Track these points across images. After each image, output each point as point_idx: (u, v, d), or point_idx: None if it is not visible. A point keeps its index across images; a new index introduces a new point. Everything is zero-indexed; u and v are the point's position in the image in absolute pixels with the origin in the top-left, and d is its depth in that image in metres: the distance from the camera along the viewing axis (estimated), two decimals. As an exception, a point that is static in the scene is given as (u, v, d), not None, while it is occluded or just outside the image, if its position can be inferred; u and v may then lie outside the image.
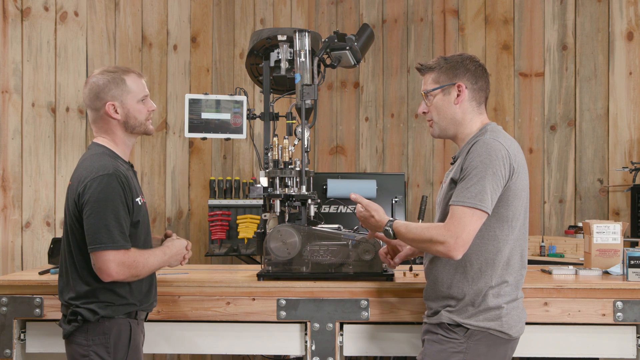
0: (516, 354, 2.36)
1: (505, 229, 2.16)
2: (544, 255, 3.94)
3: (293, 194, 2.72)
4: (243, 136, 2.98)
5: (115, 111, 2.34)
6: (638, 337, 2.57)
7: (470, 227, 2.08)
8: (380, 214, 2.34)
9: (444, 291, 2.22)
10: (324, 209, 4.17)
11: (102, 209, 2.21)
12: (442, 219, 2.23)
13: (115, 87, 2.34)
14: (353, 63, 2.90)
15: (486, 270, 2.16)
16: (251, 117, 2.98)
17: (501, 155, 2.12)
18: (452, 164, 2.35)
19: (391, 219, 2.30)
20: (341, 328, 2.62)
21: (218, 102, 2.98)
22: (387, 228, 2.28)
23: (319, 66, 2.83)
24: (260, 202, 4.30)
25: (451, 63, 2.28)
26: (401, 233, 2.24)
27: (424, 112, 2.34)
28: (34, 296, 2.62)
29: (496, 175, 2.10)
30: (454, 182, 2.19)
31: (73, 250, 2.28)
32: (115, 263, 2.19)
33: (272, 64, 2.97)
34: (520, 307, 2.23)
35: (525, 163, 2.24)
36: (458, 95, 2.26)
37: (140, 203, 2.33)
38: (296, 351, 2.65)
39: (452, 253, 2.09)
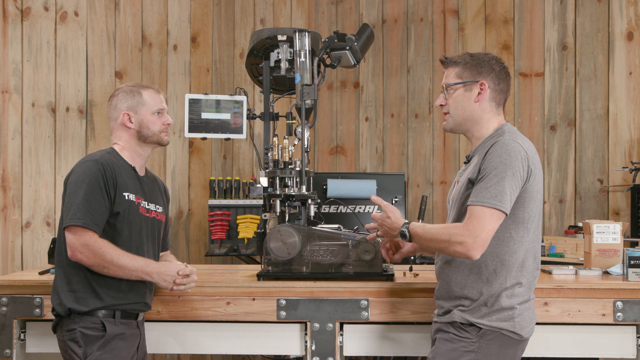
0: (516, 354, 2.36)
1: (520, 230, 2.17)
2: (544, 255, 3.93)
3: (293, 194, 2.72)
4: (243, 136, 2.98)
5: (130, 120, 2.48)
6: (638, 337, 2.57)
7: (489, 227, 2.08)
8: (397, 215, 2.33)
9: (458, 291, 2.22)
10: (324, 209, 4.17)
11: (76, 189, 2.33)
12: (457, 218, 2.23)
13: (132, 98, 2.49)
14: (353, 63, 2.90)
15: (501, 271, 2.16)
16: (251, 117, 2.98)
17: (520, 157, 2.12)
18: (465, 162, 2.35)
19: (407, 221, 2.29)
20: (341, 328, 2.62)
21: (218, 102, 2.98)
22: (404, 230, 2.26)
23: (319, 66, 2.83)
24: (260, 202, 4.30)
25: (477, 60, 2.28)
26: (418, 234, 2.22)
27: (441, 105, 2.33)
28: (34, 296, 2.62)
29: (515, 177, 2.10)
30: (471, 182, 2.18)
31: (62, 235, 2.38)
32: (80, 242, 2.28)
33: (272, 64, 2.97)
34: (531, 309, 2.23)
35: (541, 165, 2.23)
36: (479, 94, 2.25)
37: (127, 198, 2.40)
38: (296, 351, 2.65)
39: (470, 253, 2.08)
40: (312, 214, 2.77)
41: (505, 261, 2.16)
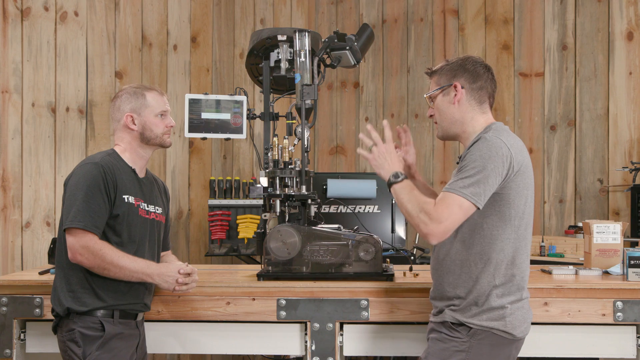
0: (516, 354, 2.36)
1: (507, 228, 2.16)
2: (544, 255, 3.93)
3: (293, 194, 2.72)
4: (243, 136, 2.98)
5: (133, 122, 2.48)
6: (638, 337, 2.57)
7: (455, 217, 2.07)
8: (397, 159, 2.27)
9: (450, 291, 2.22)
10: (324, 209, 4.17)
11: (76, 191, 2.33)
12: None
13: (135, 100, 2.49)
14: (353, 63, 2.90)
15: (490, 270, 2.16)
16: (251, 117, 2.98)
17: (502, 153, 2.11)
18: (458, 163, 2.36)
19: (402, 173, 2.22)
20: (341, 328, 2.62)
21: (218, 102, 2.98)
22: (393, 179, 2.20)
23: (319, 66, 2.83)
24: (260, 202, 4.30)
25: (451, 65, 2.31)
26: (397, 189, 2.17)
27: (431, 116, 2.37)
28: (34, 296, 2.62)
29: (493, 172, 2.09)
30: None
31: (62, 236, 2.38)
32: (80, 244, 2.28)
33: (272, 64, 2.97)
34: (525, 307, 2.22)
35: (530, 162, 2.24)
36: (455, 95, 2.28)
37: (127, 200, 2.40)
38: (296, 351, 2.65)
39: (429, 237, 2.08)
40: (312, 214, 2.77)
41: (493, 259, 2.16)
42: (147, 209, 2.48)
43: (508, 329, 2.16)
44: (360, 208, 4.27)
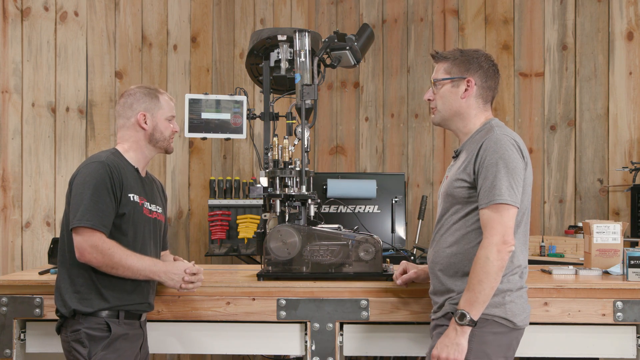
0: (516, 354, 2.36)
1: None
2: (544, 255, 3.93)
3: (293, 194, 2.72)
4: (243, 136, 2.98)
5: (145, 122, 2.49)
6: (638, 337, 2.57)
7: (506, 223, 2.09)
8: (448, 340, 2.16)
9: (451, 284, 2.22)
10: (324, 209, 4.17)
11: (83, 190, 2.32)
12: (445, 211, 2.27)
13: (150, 100, 2.51)
14: (353, 63, 2.91)
15: None
16: (251, 117, 2.98)
17: (515, 149, 2.15)
18: (454, 157, 2.36)
19: (456, 314, 2.13)
20: (341, 328, 2.62)
21: (218, 102, 2.98)
22: (460, 317, 2.11)
23: (319, 66, 2.83)
24: (260, 202, 4.30)
25: (466, 57, 2.30)
26: (470, 300, 2.10)
27: (429, 99, 2.36)
28: (34, 296, 2.62)
29: (517, 169, 2.13)
30: (462, 180, 2.20)
31: (66, 236, 2.38)
32: (88, 243, 2.28)
33: (272, 64, 2.98)
34: (524, 298, 2.23)
35: (530, 158, 2.26)
36: (466, 90, 2.28)
37: (132, 199, 2.40)
38: (296, 351, 2.65)
39: (507, 248, 2.09)
40: (312, 214, 2.77)
41: None
42: (149, 208, 2.49)
43: (508, 316, 2.16)
44: (360, 208, 4.27)
